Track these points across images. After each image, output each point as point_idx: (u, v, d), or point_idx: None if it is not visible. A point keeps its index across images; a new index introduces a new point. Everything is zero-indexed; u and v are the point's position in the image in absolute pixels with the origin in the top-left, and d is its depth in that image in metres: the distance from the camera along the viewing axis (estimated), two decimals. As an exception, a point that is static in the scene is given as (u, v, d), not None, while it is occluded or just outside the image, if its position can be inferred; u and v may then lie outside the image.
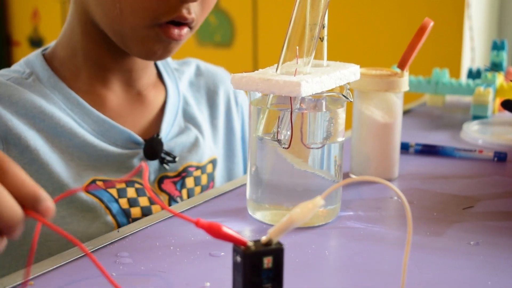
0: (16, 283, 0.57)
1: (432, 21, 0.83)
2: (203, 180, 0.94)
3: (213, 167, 0.96)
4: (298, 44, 0.68)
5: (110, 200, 0.85)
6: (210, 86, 1.02)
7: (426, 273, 0.60)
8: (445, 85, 1.28)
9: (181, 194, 0.91)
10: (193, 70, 1.03)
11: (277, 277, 0.49)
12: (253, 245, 0.49)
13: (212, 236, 0.50)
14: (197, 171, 0.93)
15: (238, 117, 1.04)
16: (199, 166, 0.94)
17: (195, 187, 0.93)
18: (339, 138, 0.71)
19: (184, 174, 0.92)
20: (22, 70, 0.88)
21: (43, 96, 0.85)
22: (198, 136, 0.95)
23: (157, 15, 0.80)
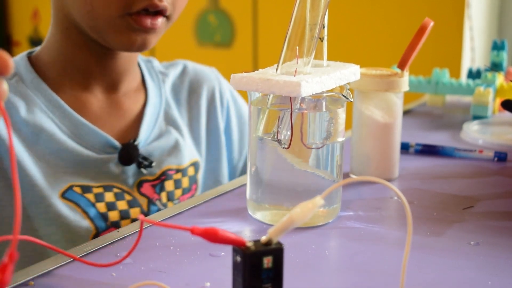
0: (16, 283, 0.57)
1: (432, 21, 0.83)
2: (184, 183, 0.94)
3: (195, 169, 0.96)
4: (298, 44, 0.68)
5: (87, 204, 0.85)
6: (193, 86, 1.01)
7: (426, 273, 0.60)
8: (445, 85, 1.28)
9: (160, 197, 0.91)
10: (178, 71, 1.02)
11: (277, 277, 0.49)
12: (253, 245, 0.49)
13: (210, 241, 0.49)
14: (178, 174, 0.93)
15: (222, 118, 1.03)
16: (179, 169, 0.93)
17: (176, 190, 0.92)
18: (339, 138, 0.71)
19: (163, 178, 0.92)
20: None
21: (24, 98, 0.86)
22: (179, 139, 0.95)
23: (128, 5, 0.81)
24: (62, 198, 0.84)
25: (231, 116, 1.04)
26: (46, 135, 0.84)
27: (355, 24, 2.25)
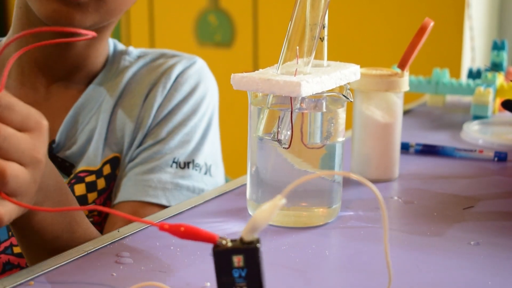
0: (16, 283, 0.57)
1: (432, 21, 0.83)
2: (99, 185, 0.87)
3: (111, 167, 0.88)
4: (299, 44, 0.68)
5: None
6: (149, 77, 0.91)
7: (426, 273, 0.60)
8: (446, 85, 1.28)
9: None
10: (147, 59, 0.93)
11: (253, 277, 0.49)
12: (225, 243, 0.49)
13: (179, 237, 0.49)
14: (91, 176, 0.86)
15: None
16: (93, 171, 0.87)
17: (88, 193, 0.86)
18: (339, 138, 0.71)
19: (73, 181, 0.85)
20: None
21: None
22: (95, 136, 0.87)
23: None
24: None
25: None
26: None
27: (355, 24, 2.25)
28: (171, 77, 0.91)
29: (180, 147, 0.89)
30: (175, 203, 0.84)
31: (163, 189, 0.86)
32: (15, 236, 0.68)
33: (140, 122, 0.89)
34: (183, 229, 0.49)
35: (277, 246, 0.64)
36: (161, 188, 0.86)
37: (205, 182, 0.88)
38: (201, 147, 0.90)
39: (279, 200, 0.48)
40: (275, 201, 0.48)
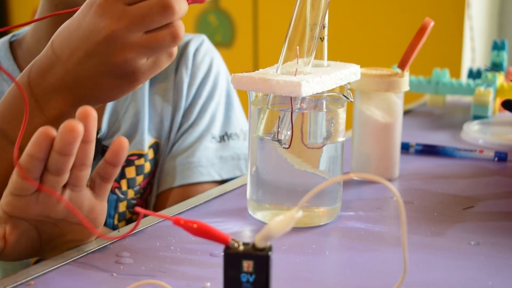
0: (16, 283, 0.57)
1: (432, 21, 0.83)
2: (146, 168, 0.90)
3: (154, 152, 0.92)
4: (299, 44, 0.68)
5: None
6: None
7: (426, 273, 0.60)
8: (446, 85, 1.28)
9: (120, 185, 0.88)
10: None
11: (261, 285, 0.48)
12: (237, 246, 0.49)
13: (192, 234, 0.49)
14: (140, 159, 0.90)
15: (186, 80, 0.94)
16: (142, 154, 0.90)
17: (137, 176, 0.89)
18: (339, 138, 0.71)
19: (124, 164, 0.88)
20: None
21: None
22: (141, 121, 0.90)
23: None
24: None
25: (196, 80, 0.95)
26: None
27: (355, 24, 2.25)
28: (189, 56, 0.95)
29: (212, 122, 0.93)
30: (227, 175, 0.91)
31: (212, 165, 0.91)
32: None
33: (175, 105, 0.93)
34: (196, 226, 0.49)
35: (277, 246, 0.64)
36: (210, 165, 0.91)
37: (246, 146, 0.93)
38: (231, 117, 0.95)
39: (296, 212, 0.48)
40: (292, 213, 0.48)
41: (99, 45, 0.61)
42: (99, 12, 0.61)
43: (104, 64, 0.62)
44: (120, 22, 0.60)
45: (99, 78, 0.62)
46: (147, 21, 0.60)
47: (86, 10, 0.62)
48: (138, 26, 0.60)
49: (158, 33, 0.61)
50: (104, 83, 0.63)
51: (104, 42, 0.61)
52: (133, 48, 0.61)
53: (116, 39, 0.60)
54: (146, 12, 0.60)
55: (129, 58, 0.61)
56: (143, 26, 0.61)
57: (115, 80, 0.63)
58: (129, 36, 0.60)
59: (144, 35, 0.61)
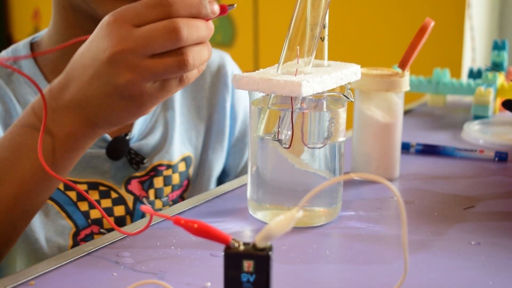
0: (16, 282, 0.57)
1: (433, 21, 0.83)
2: (174, 180, 0.91)
3: (186, 165, 0.93)
4: (299, 44, 0.68)
5: (67, 203, 0.83)
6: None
7: (426, 273, 0.60)
8: (446, 85, 1.28)
9: (148, 194, 0.89)
10: None
11: (261, 284, 0.48)
12: (237, 246, 0.49)
13: (193, 233, 0.49)
14: (168, 170, 0.90)
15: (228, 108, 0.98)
16: (170, 165, 0.91)
17: (165, 187, 0.90)
18: (340, 138, 0.71)
19: (153, 174, 0.89)
20: (6, 58, 0.87)
21: (16, 89, 0.84)
22: (172, 132, 0.92)
23: None
24: None
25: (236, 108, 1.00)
26: None
27: (356, 24, 2.24)
28: (227, 74, 0.98)
29: None
30: None
31: None
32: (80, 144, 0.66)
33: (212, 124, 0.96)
34: (197, 226, 0.49)
35: (278, 246, 0.64)
36: None
37: None
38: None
39: (296, 212, 0.48)
40: (293, 213, 0.48)
41: (104, 65, 0.60)
42: (106, 31, 0.60)
43: (109, 85, 0.61)
44: (124, 44, 0.59)
45: (106, 98, 0.62)
46: (152, 45, 0.59)
47: (97, 29, 0.62)
48: (142, 49, 0.59)
49: (163, 59, 0.60)
50: (111, 104, 0.62)
51: (108, 62, 0.60)
52: (136, 71, 0.59)
53: (119, 61, 0.60)
54: (151, 35, 0.59)
55: (133, 81, 0.60)
56: (148, 50, 0.59)
57: (121, 102, 0.62)
58: (133, 59, 0.59)
59: (149, 59, 0.59)
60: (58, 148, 0.64)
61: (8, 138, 0.65)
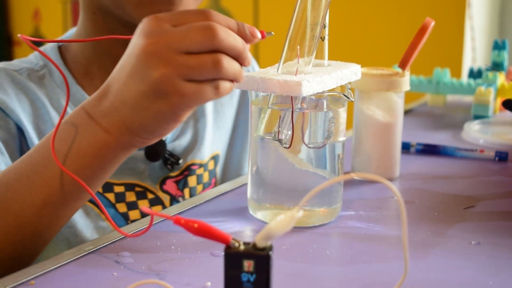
0: (17, 282, 0.57)
1: (433, 20, 0.83)
2: (204, 178, 0.92)
3: (215, 163, 0.95)
4: (299, 44, 0.68)
5: (106, 205, 0.83)
6: None
7: (426, 273, 0.60)
8: (446, 84, 1.28)
9: (183, 193, 0.90)
10: None
11: (261, 284, 0.48)
12: (237, 245, 0.49)
13: (193, 233, 0.49)
14: (200, 169, 0.92)
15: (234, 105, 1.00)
16: (201, 164, 0.92)
17: (197, 185, 0.91)
18: (340, 138, 0.71)
19: (187, 173, 0.90)
20: (35, 61, 0.86)
21: (50, 93, 0.84)
22: (203, 132, 0.93)
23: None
24: None
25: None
26: None
27: (356, 24, 2.24)
28: None
29: None
30: None
31: None
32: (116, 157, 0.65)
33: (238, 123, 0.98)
34: (197, 225, 0.49)
35: (278, 246, 0.64)
36: None
37: None
38: None
39: (296, 212, 0.48)
40: (293, 213, 0.48)
41: (138, 59, 0.59)
42: (143, 30, 0.60)
43: (144, 81, 0.59)
44: (160, 38, 0.59)
45: (140, 97, 0.60)
46: (187, 40, 0.58)
47: (137, 29, 0.61)
48: (178, 44, 0.58)
49: (200, 56, 0.59)
50: (145, 104, 0.60)
51: (143, 55, 0.59)
52: (170, 65, 0.58)
53: (153, 54, 0.59)
54: (188, 30, 0.58)
55: (167, 75, 0.58)
56: (183, 45, 0.58)
57: (155, 101, 0.60)
58: (167, 52, 0.58)
59: (184, 54, 0.59)
60: (89, 156, 0.63)
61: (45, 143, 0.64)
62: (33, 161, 0.64)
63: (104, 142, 0.62)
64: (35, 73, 0.85)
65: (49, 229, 0.65)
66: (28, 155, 0.65)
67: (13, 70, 0.84)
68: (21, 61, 0.88)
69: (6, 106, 0.80)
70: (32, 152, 0.65)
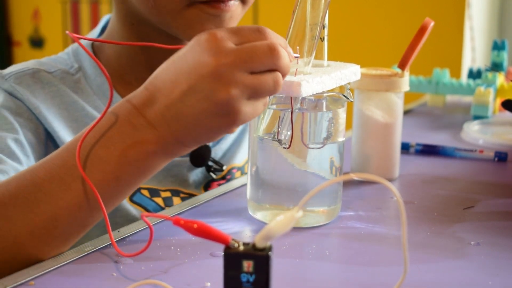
0: (16, 283, 0.57)
1: (432, 21, 0.83)
2: None
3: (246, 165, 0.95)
4: (299, 44, 0.68)
5: (156, 209, 0.83)
6: None
7: (426, 273, 0.60)
8: (446, 85, 1.28)
9: None
10: None
11: (261, 285, 0.48)
12: (237, 246, 0.49)
13: (192, 234, 0.49)
14: (238, 172, 0.92)
15: None
16: (239, 167, 0.92)
17: None
18: (339, 138, 0.71)
19: (229, 177, 0.90)
20: (70, 63, 0.85)
21: (86, 99, 0.83)
22: (241, 135, 0.93)
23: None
24: (131, 201, 0.82)
25: None
26: None
27: (355, 24, 2.25)
28: None
29: None
30: None
31: None
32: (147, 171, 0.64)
33: None
34: (196, 226, 0.49)
35: (278, 246, 0.64)
36: None
37: None
38: None
39: (296, 212, 0.48)
40: (293, 213, 0.48)
41: (204, 79, 0.59)
42: (206, 47, 0.59)
43: (207, 100, 0.59)
44: (227, 58, 0.58)
45: (200, 115, 0.60)
46: (254, 60, 0.59)
47: (193, 45, 0.60)
48: (245, 65, 0.58)
49: (263, 76, 0.59)
50: (204, 121, 0.60)
51: (209, 77, 0.58)
52: (238, 86, 0.58)
53: (221, 75, 0.58)
54: (253, 51, 0.59)
55: (233, 96, 0.58)
56: (250, 66, 0.59)
57: (215, 119, 0.60)
58: (234, 74, 0.58)
59: (249, 75, 0.59)
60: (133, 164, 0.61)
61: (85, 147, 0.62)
62: (67, 164, 0.62)
63: (151, 153, 0.61)
64: (70, 77, 0.83)
65: (80, 232, 0.64)
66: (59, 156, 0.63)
67: (47, 72, 0.83)
68: (55, 60, 0.86)
69: (39, 112, 0.79)
70: (64, 154, 0.62)
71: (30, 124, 0.79)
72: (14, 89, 0.80)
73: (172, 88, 0.60)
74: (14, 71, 0.82)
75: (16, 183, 0.62)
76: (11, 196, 0.61)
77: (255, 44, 0.59)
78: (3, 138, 0.75)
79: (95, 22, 2.98)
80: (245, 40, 0.60)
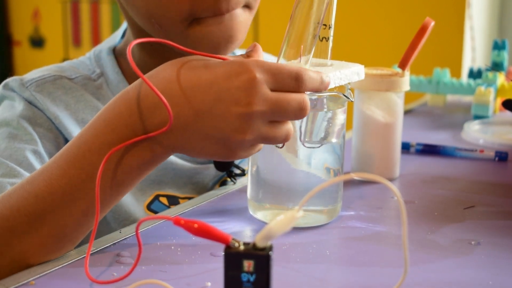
0: (17, 283, 0.57)
1: (433, 20, 0.83)
2: None
3: None
4: (298, 42, 0.68)
5: None
6: None
7: (426, 273, 0.60)
8: (446, 84, 1.28)
9: None
10: None
11: (261, 284, 0.48)
12: (237, 245, 0.49)
13: (193, 234, 0.49)
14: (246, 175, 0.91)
15: None
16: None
17: None
18: (339, 138, 0.71)
19: None
20: (92, 68, 0.84)
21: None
22: None
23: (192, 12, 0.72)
24: (148, 210, 0.81)
25: None
26: None
27: (356, 24, 2.25)
28: None
29: None
30: None
31: None
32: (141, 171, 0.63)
33: None
34: (197, 226, 0.49)
35: (278, 246, 0.64)
36: None
37: None
38: None
39: (296, 212, 0.48)
40: (293, 213, 0.48)
41: (231, 115, 0.59)
42: (244, 86, 0.59)
43: (220, 131, 0.59)
44: (261, 107, 0.59)
45: (204, 140, 0.60)
46: (282, 116, 0.60)
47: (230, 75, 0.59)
48: (273, 115, 0.60)
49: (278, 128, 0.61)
50: (205, 146, 0.61)
51: (237, 116, 0.59)
52: (254, 133, 0.60)
53: (248, 120, 0.59)
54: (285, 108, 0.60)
55: (246, 140, 0.60)
56: (277, 116, 0.60)
57: (215, 146, 0.61)
58: (259, 123, 0.60)
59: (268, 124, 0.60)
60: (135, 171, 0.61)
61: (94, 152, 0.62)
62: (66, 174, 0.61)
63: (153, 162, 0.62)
64: (91, 83, 0.82)
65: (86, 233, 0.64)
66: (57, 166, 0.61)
67: (68, 79, 0.82)
68: (77, 65, 0.85)
69: (59, 121, 0.78)
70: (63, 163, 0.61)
71: (49, 134, 0.78)
72: (34, 98, 0.79)
73: (189, 107, 0.59)
74: (36, 78, 0.81)
75: (17, 196, 0.61)
76: (13, 209, 0.60)
77: (289, 100, 0.60)
78: (21, 150, 0.75)
79: (95, 22, 2.98)
80: (282, 87, 0.60)
